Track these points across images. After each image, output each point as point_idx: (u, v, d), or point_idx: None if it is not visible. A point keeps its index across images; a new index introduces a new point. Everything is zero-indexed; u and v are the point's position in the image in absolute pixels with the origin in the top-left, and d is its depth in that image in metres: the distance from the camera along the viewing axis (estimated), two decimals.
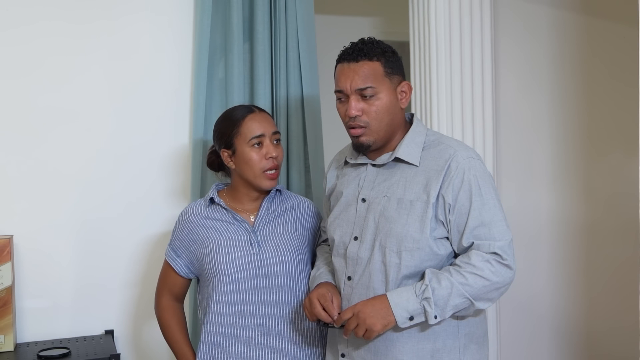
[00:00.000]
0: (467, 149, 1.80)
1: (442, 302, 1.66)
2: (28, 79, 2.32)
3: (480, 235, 1.70)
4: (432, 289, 1.65)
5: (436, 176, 1.74)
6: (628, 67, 2.24)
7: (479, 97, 2.54)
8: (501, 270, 1.68)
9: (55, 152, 2.35)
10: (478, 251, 1.69)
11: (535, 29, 2.82)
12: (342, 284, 1.84)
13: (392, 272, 1.73)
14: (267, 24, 2.45)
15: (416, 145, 1.81)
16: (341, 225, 1.87)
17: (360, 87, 1.76)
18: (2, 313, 2.19)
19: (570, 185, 2.88)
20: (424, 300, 1.65)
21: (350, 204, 1.86)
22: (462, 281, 1.66)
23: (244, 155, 1.94)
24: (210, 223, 1.98)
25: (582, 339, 2.93)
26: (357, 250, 1.80)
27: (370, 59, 1.77)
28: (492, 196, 1.74)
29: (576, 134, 2.87)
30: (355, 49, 1.78)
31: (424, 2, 2.52)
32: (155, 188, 2.45)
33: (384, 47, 1.80)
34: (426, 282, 1.67)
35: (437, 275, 1.68)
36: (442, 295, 1.65)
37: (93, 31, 2.37)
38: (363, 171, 1.87)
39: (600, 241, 2.88)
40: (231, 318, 1.92)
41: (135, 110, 2.43)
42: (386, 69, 1.77)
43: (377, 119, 1.77)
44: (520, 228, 2.79)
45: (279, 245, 1.95)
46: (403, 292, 1.69)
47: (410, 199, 1.75)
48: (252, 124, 1.94)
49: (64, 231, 2.36)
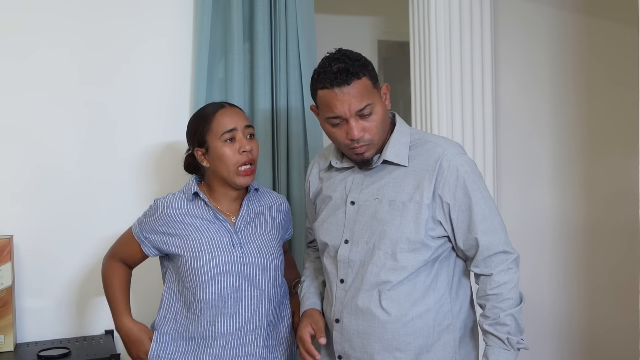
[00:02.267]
0: (455, 146, 1.81)
1: (516, 333, 1.76)
2: (26, 77, 2.32)
3: (488, 231, 1.74)
4: (507, 334, 1.74)
5: (428, 176, 1.74)
6: (628, 67, 2.24)
7: (479, 97, 2.54)
8: (516, 268, 1.77)
9: (55, 152, 2.35)
10: (491, 265, 1.75)
11: (535, 28, 2.82)
12: (334, 287, 1.84)
13: (386, 274, 1.73)
14: (267, 24, 2.45)
15: (402, 146, 1.79)
16: (330, 229, 1.86)
17: (359, 109, 1.71)
18: (2, 313, 2.19)
19: (571, 185, 2.88)
20: (516, 347, 1.76)
21: (338, 207, 1.85)
22: (510, 303, 1.75)
23: (217, 151, 1.88)
24: (191, 220, 1.91)
25: (584, 338, 2.93)
26: (349, 253, 1.80)
27: (358, 77, 1.71)
28: (485, 188, 1.79)
29: (576, 134, 2.87)
30: (341, 72, 1.69)
31: (424, 2, 2.52)
32: (155, 188, 2.45)
33: (362, 59, 1.76)
34: (502, 337, 1.73)
35: (499, 322, 1.74)
36: (514, 328, 1.75)
37: (93, 31, 2.37)
38: (349, 174, 1.86)
39: (601, 241, 2.88)
40: (211, 319, 1.88)
41: (135, 110, 2.43)
42: (373, 81, 1.75)
43: (378, 133, 1.76)
44: (520, 228, 2.79)
45: (260, 248, 1.92)
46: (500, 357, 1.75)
47: (403, 200, 1.74)
48: (222, 118, 1.89)
49: (64, 231, 2.36)
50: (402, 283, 1.74)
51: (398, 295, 1.74)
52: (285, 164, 2.48)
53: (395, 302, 1.74)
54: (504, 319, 1.73)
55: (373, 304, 1.75)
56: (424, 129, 2.56)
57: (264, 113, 2.45)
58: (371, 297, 1.75)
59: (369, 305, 1.75)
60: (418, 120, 2.60)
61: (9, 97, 2.31)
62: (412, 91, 2.63)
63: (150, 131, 2.44)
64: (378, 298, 1.74)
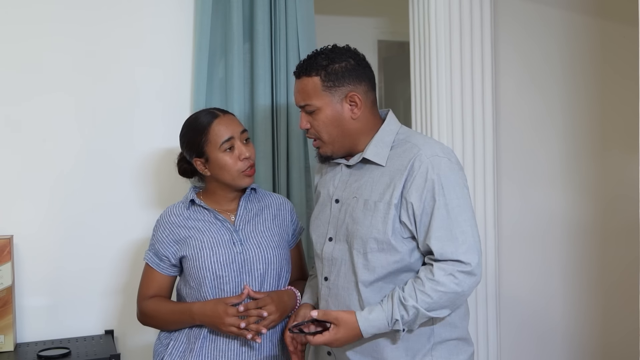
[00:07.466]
0: (434, 147, 1.74)
1: (409, 324, 1.68)
2: (26, 79, 2.32)
3: (444, 238, 1.66)
4: (401, 317, 1.66)
5: (399, 176, 1.72)
6: (628, 67, 2.24)
7: (479, 97, 2.54)
8: (465, 280, 1.65)
9: (55, 152, 2.35)
10: (440, 264, 1.66)
11: (535, 28, 2.81)
12: (320, 284, 1.85)
13: (361, 273, 1.73)
14: (267, 24, 2.45)
15: (384, 145, 1.78)
16: (318, 226, 1.88)
17: (300, 105, 1.79)
18: (2, 313, 2.19)
19: (571, 185, 2.88)
20: (394, 329, 1.67)
21: (325, 204, 1.87)
22: (427, 300, 1.65)
23: (218, 161, 1.91)
24: (192, 223, 1.96)
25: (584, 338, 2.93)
26: (332, 251, 1.81)
27: (308, 74, 1.76)
28: (457, 195, 1.69)
29: (577, 134, 2.87)
30: (301, 64, 1.79)
31: (424, 2, 2.52)
32: (156, 189, 2.45)
33: (332, 58, 1.76)
34: (396, 316, 1.65)
35: (404, 305, 1.66)
36: (410, 320, 1.67)
37: (93, 31, 2.37)
38: (338, 171, 1.86)
39: (603, 241, 2.88)
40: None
41: (135, 110, 2.43)
42: (326, 83, 1.75)
43: (324, 131, 1.77)
44: (520, 229, 2.80)
45: (260, 243, 1.95)
46: (375, 322, 1.68)
47: (375, 199, 1.73)
48: (219, 128, 1.92)
49: (64, 231, 2.36)
50: (375, 284, 1.73)
51: (375, 296, 1.73)
52: (285, 164, 2.48)
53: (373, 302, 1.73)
54: (408, 304, 1.65)
55: (353, 304, 1.75)
56: (423, 129, 2.56)
57: (264, 113, 2.45)
58: (351, 296, 1.76)
59: (349, 304, 1.76)
60: (418, 120, 2.60)
61: (9, 98, 2.31)
62: (412, 91, 2.63)
63: (150, 131, 2.44)
64: (357, 297, 1.75)
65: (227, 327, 1.83)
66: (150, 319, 1.99)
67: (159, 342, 2.01)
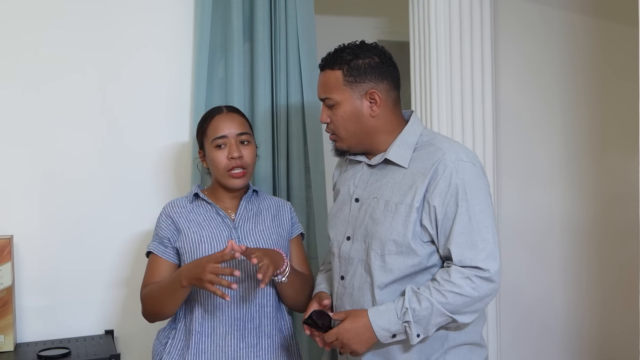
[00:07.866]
0: (458, 151, 1.73)
1: (424, 322, 1.65)
2: (26, 79, 2.32)
3: (464, 244, 1.65)
4: (412, 310, 1.64)
5: (422, 179, 1.70)
6: (628, 67, 2.24)
7: (479, 97, 2.54)
8: (482, 285, 1.64)
9: (55, 152, 2.35)
10: (458, 267, 1.65)
11: (536, 28, 2.81)
12: (335, 283, 1.85)
13: (377, 275, 1.73)
14: (267, 24, 2.45)
15: (408, 147, 1.77)
16: (336, 224, 1.87)
17: (321, 97, 1.80)
18: (2, 313, 2.19)
19: (571, 184, 2.88)
20: (404, 322, 1.65)
21: (345, 203, 1.86)
22: (441, 300, 1.63)
23: (210, 155, 1.97)
24: (193, 216, 1.98)
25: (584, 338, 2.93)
26: (349, 250, 1.80)
27: (332, 68, 1.77)
28: (479, 201, 1.68)
29: (576, 133, 2.87)
30: (324, 58, 1.80)
31: (424, 2, 2.52)
32: (156, 188, 2.45)
33: (357, 53, 1.76)
34: (406, 304, 1.64)
35: (417, 295, 1.65)
36: (423, 315, 1.64)
37: (93, 30, 2.37)
38: (359, 170, 1.86)
39: (602, 240, 2.88)
40: (210, 310, 1.92)
41: (135, 110, 2.43)
42: (347, 78, 1.75)
43: (341, 126, 1.78)
44: (520, 229, 2.80)
45: (258, 241, 1.97)
46: (385, 313, 1.67)
47: (396, 201, 1.72)
48: (216, 125, 1.96)
49: (64, 231, 2.36)
50: (390, 286, 1.72)
51: (389, 299, 1.72)
52: (285, 164, 2.48)
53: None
54: (421, 296, 1.63)
55: (367, 304, 1.75)
56: None
57: (264, 113, 2.45)
58: (366, 297, 1.75)
59: (364, 304, 1.75)
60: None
61: (9, 99, 2.31)
62: (412, 91, 2.63)
63: (150, 131, 2.44)
64: (371, 298, 1.74)
65: (206, 275, 1.75)
66: (150, 300, 1.93)
67: (157, 342, 2.02)
